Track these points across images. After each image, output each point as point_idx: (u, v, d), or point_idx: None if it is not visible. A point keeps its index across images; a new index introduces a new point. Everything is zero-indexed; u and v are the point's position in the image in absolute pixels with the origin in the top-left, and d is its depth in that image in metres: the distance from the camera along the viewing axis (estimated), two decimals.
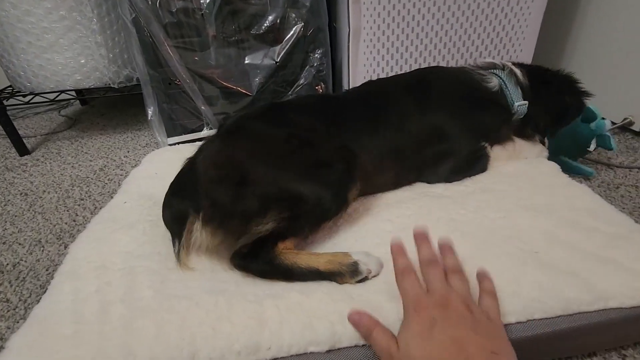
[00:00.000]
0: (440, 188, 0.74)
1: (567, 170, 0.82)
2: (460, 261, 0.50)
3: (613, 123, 1.16)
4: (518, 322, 0.48)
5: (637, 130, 1.12)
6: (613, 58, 1.16)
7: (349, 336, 0.47)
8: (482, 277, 0.50)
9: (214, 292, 0.54)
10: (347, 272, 0.53)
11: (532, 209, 0.65)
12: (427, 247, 0.50)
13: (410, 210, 0.68)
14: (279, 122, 0.67)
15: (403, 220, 0.65)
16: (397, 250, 0.50)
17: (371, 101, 0.76)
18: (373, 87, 0.81)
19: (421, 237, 0.51)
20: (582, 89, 0.85)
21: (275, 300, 0.51)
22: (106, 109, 1.75)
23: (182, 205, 0.61)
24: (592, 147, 0.83)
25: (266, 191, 0.58)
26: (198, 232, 0.59)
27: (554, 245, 0.57)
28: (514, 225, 0.62)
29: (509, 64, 0.81)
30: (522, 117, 0.81)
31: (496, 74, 0.81)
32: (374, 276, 0.54)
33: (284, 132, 0.64)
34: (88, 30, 1.10)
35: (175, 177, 0.67)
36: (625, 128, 1.15)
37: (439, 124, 0.74)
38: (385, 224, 0.65)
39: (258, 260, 0.55)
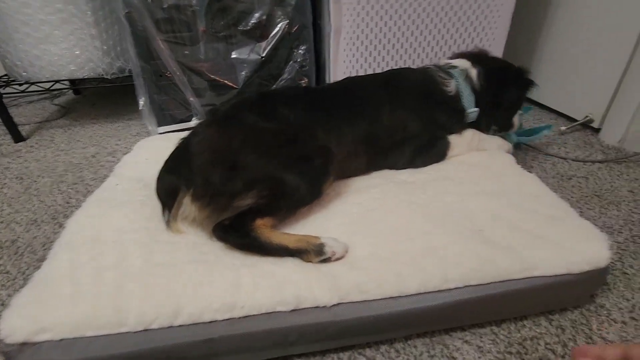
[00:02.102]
0: (405, 175, 0.82)
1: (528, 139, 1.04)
2: None
3: (574, 120, 1.25)
4: (457, 288, 0.56)
5: (596, 127, 1.21)
6: (576, 60, 1.25)
7: (311, 299, 0.54)
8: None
9: (196, 261, 0.61)
10: (312, 251, 0.59)
11: (484, 194, 0.74)
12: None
13: (377, 195, 0.75)
14: (270, 116, 0.75)
15: (370, 203, 0.73)
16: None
17: (350, 94, 0.85)
18: (352, 82, 0.90)
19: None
20: (529, 82, 0.92)
21: (251, 269, 0.59)
22: (98, 99, 1.79)
23: (174, 181, 0.69)
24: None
25: (253, 175, 0.66)
26: (187, 206, 0.67)
27: (497, 224, 0.65)
28: (466, 208, 0.70)
29: (468, 64, 0.89)
30: (474, 120, 0.90)
31: (455, 78, 0.88)
32: (338, 258, 0.60)
33: (274, 126, 0.73)
34: (83, 23, 1.15)
35: (170, 155, 0.74)
36: (586, 125, 1.24)
37: (405, 116, 0.84)
38: (353, 207, 0.72)
39: (237, 232, 0.63)
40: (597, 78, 1.17)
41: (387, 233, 0.65)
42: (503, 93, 0.90)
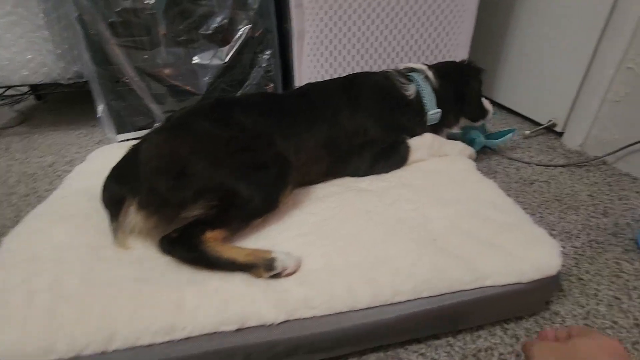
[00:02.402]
0: (365, 183, 0.81)
1: (494, 143, 1.06)
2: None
3: (538, 124, 1.27)
4: (408, 300, 0.55)
5: (559, 131, 1.23)
6: (539, 65, 1.27)
7: (257, 317, 0.52)
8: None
9: (139, 280, 0.58)
10: (262, 265, 0.57)
11: (442, 201, 0.73)
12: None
13: (334, 203, 0.74)
14: (224, 123, 0.72)
15: (326, 212, 0.71)
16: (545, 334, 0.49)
17: (309, 99, 0.83)
18: (312, 87, 0.88)
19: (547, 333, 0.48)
20: (480, 69, 0.96)
21: (196, 287, 0.56)
22: (61, 104, 1.72)
23: (120, 189, 0.66)
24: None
25: (202, 184, 0.63)
26: (133, 215, 0.63)
27: (452, 233, 0.64)
28: (422, 216, 0.69)
29: (424, 67, 0.91)
30: (436, 122, 0.90)
31: (414, 80, 0.89)
32: (290, 273, 0.57)
33: (227, 134, 0.70)
34: (34, 26, 1.10)
35: (118, 162, 0.71)
36: (549, 129, 1.26)
37: (365, 120, 0.83)
38: (309, 217, 0.70)
39: (184, 246, 0.60)
40: (559, 83, 1.20)
41: (341, 244, 0.63)
42: (464, 86, 0.93)
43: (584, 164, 1.08)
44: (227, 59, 1.09)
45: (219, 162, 0.66)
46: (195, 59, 1.07)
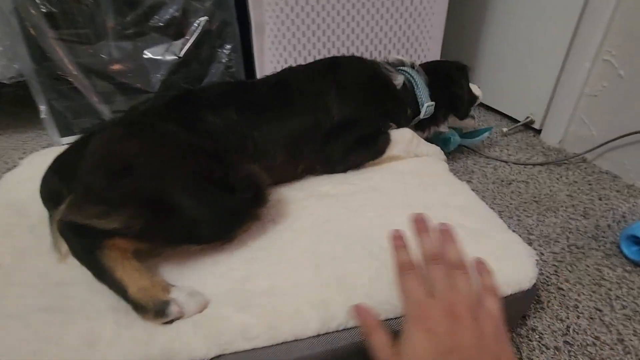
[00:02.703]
0: (328, 186, 0.73)
1: (470, 142, 1.03)
2: (462, 251, 0.44)
3: (516, 121, 1.22)
4: None
5: (537, 128, 1.18)
6: (515, 60, 1.22)
7: (185, 352, 0.44)
8: (482, 269, 0.45)
9: (52, 310, 0.49)
10: (152, 310, 0.46)
11: (410, 207, 0.65)
12: (428, 237, 0.45)
13: (292, 211, 0.66)
14: (192, 126, 0.63)
15: (281, 221, 0.64)
16: (398, 243, 0.45)
17: (290, 86, 0.75)
18: (292, 72, 0.80)
19: (421, 225, 0.46)
20: (467, 67, 0.92)
21: (118, 315, 0.47)
22: (7, 106, 1.59)
23: (58, 183, 0.57)
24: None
25: (141, 190, 0.53)
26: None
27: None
28: (387, 225, 0.60)
29: (414, 61, 0.87)
30: (428, 116, 0.84)
31: (405, 72, 0.85)
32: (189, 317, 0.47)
33: (194, 141, 0.60)
34: None
35: (62, 152, 0.62)
36: (527, 126, 1.21)
37: (348, 107, 0.76)
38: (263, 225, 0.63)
39: (82, 238, 0.50)
40: (536, 77, 1.15)
41: (292, 260, 0.55)
42: (453, 84, 0.89)
43: (563, 162, 1.03)
44: (181, 54, 1.00)
45: (171, 169, 0.55)
46: (146, 54, 0.98)
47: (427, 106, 0.84)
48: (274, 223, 0.63)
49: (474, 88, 0.96)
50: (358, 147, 0.78)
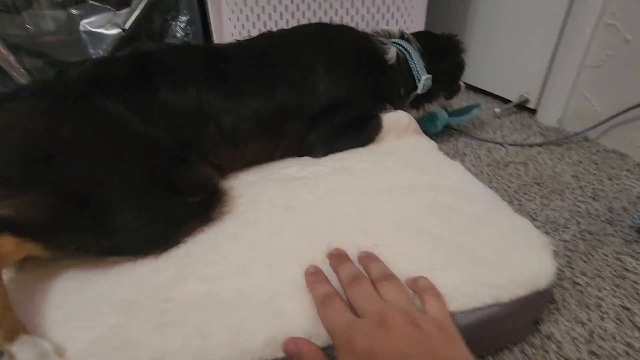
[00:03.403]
0: (294, 168, 0.60)
1: (459, 120, 0.92)
2: (386, 266, 0.39)
3: (508, 101, 1.12)
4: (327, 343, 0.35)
5: (532, 107, 1.07)
6: (505, 36, 1.11)
7: None
8: (414, 278, 0.39)
9: None
10: None
11: (390, 190, 0.53)
12: (345, 264, 0.39)
13: (243, 198, 0.53)
14: (139, 104, 0.50)
15: (227, 209, 0.50)
16: (313, 278, 0.38)
17: (269, 55, 0.63)
18: (272, 39, 0.67)
19: (335, 257, 0.41)
20: (461, 41, 0.82)
21: None
22: None
23: None
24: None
25: (60, 179, 0.41)
26: None
27: (400, 234, 0.45)
28: (362, 212, 0.49)
29: (405, 31, 0.76)
30: (427, 91, 0.75)
31: (397, 44, 0.74)
32: None
33: (139, 129, 0.48)
34: None
35: None
36: (522, 106, 1.10)
37: (338, 87, 0.65)
38: None
39: None
40: (530, 51, 1.04)
41: (236, 259, 0.42)
42: (449, 60, 0.79)
43: (563, 142, 0.92)
44: (126, 26, 0.86)
45: (107, 167, 0.44)
46: (84, 26, 0.84)
47: (424, 80, 0.74)
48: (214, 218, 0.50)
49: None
50: (345, 133, 0.66)
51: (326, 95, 0.63)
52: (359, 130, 0.67)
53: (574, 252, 0.58)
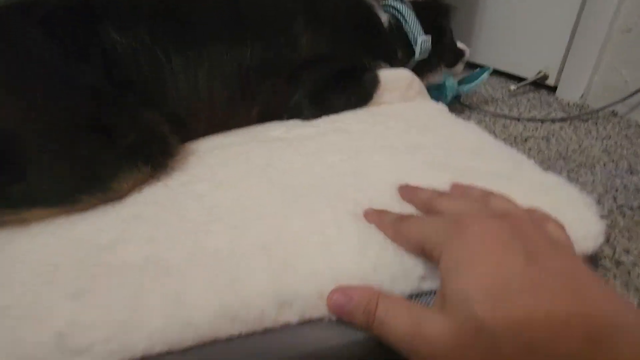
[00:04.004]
0: (280, 131, 0.52)
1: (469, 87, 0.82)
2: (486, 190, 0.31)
3: (523, 79, 1.02)
4: (301, 320, 0.26)
5: (552, 85, 0.98)
6: (521, 10, 1.02)
7: None
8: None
9: None
10: None
11: (391, 148, 0.45)
12: (424, 191, 0.33)
13: (219, 158, 0.45)
14: (78, 44, 0.42)
15: (201, 172, 0.42)
16: (376, 215, 0.32)
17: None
18: None
19: (408, 188, 0.35)
20: (451, 14, 0.74)
21: None
22: None
23: None
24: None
25: None
26: None
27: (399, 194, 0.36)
28: (356, 171, 0.40)
29: None
30: (427, 56, 0.68)
31: (390, 5, 0.67)
32: None
33: (73, 69, 0.41)
34: None
35: None
36: (539, 84, 1.01)
37: (322, 42, 0.57)
38: (169, 180, 0.41)
39: None
40: (548, 23, 0.95)
41: (195, 219, 0.34)
42: (437, 26, 0.70)
43: (588, 117, 0.83)
44: None
45: (20, 94, 0.38)
46: None
47: (422, 42, 0.65)
48: (184, 173, 0.42)
49: (458, 44, 0.78)
50: (337, 88, 0.57)
51: (309, 51, 0.55)
52: (352, 85, 0.59)
53: (614, 229, 0.49)
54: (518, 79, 1.08)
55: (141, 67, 0.46)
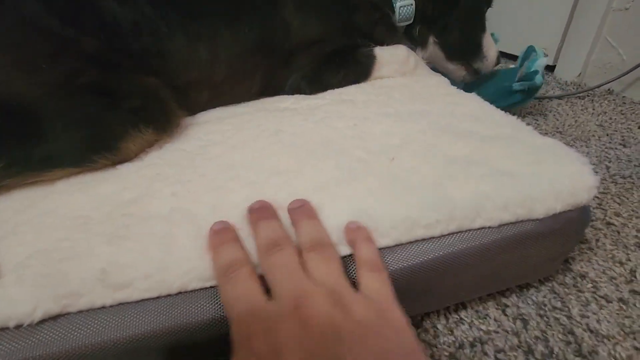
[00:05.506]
0: (288, 102, 0.54)
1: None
2: (321, 228, 0.29)
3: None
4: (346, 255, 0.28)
5: (550, 64, 0.99)
6: None
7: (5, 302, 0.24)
8: (353, 231, 0.29)
9: None
10: None
11: (397, 114, 0.47)
12: (267, 222, 0.29)
13: (230, 125, 0.46)
14: (74, 14, 0.43)
15: (214, 136, 0.44)
16: (217, 238, 0.28)
17: None
18: None
19: (257, 211, 0.30)
20: None
21: None
22: None
23: None
24: (517, 86, 0.67)
25: None
26: None
27: (408, 149, 0.38)
28: (363, 134, 0.42)
29: None
30: (410, 22, 0.64)
31: None
32: None
33: (70, 34, 0.42)
34: None
35: None
36: None
37: (311, 25, 0.57)
38: (184, 144, 0.43)
39: None
40: (547, 7, 0.96)
41: (214, 177, 0.36)
42: None
43: (584, 94, 0.85)
44: None
45: (25, 65, 0.38)
46: None
47: (400, 6, 0.61)
48: (205, 139, 0.44)
49: (488, 43, 0.68)
50: (334, 67, 0.58)
51: (299, 35, 0.56)
52: (348, 63, 0.59)
53: (605, 195, 0.52)
54: (513, 57, 1.09)
55: (142, 37, 0.47)
